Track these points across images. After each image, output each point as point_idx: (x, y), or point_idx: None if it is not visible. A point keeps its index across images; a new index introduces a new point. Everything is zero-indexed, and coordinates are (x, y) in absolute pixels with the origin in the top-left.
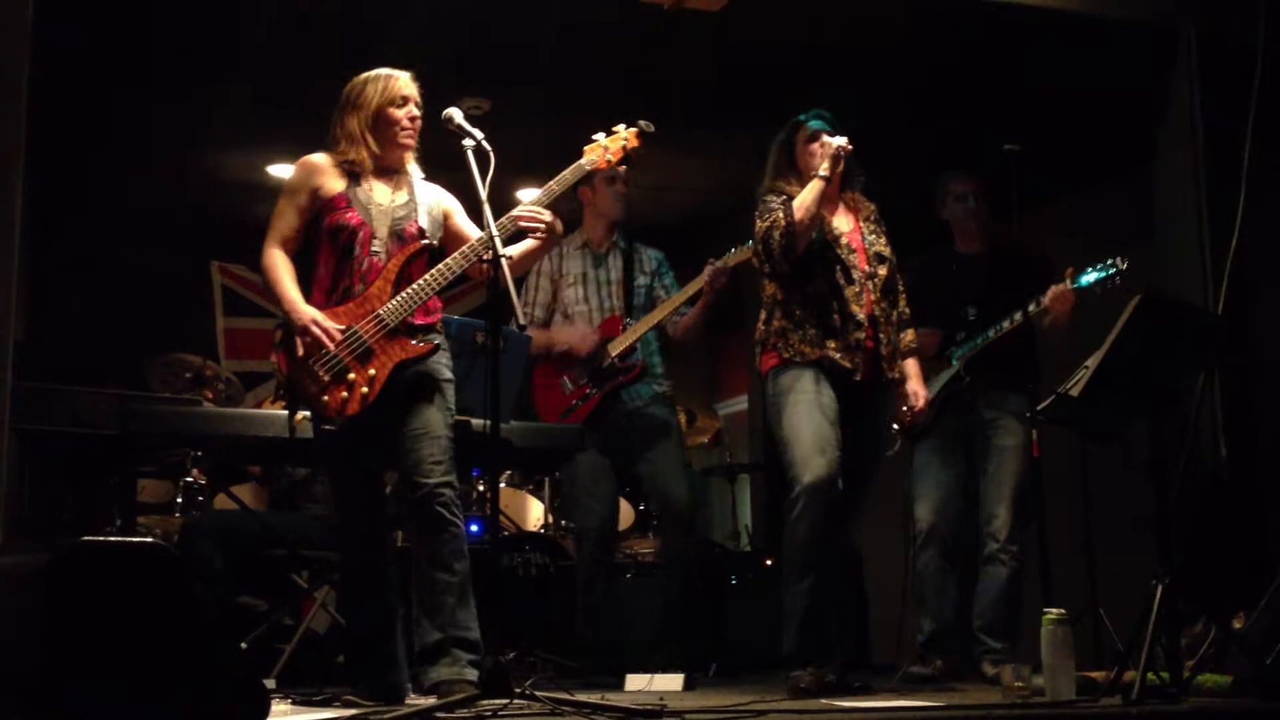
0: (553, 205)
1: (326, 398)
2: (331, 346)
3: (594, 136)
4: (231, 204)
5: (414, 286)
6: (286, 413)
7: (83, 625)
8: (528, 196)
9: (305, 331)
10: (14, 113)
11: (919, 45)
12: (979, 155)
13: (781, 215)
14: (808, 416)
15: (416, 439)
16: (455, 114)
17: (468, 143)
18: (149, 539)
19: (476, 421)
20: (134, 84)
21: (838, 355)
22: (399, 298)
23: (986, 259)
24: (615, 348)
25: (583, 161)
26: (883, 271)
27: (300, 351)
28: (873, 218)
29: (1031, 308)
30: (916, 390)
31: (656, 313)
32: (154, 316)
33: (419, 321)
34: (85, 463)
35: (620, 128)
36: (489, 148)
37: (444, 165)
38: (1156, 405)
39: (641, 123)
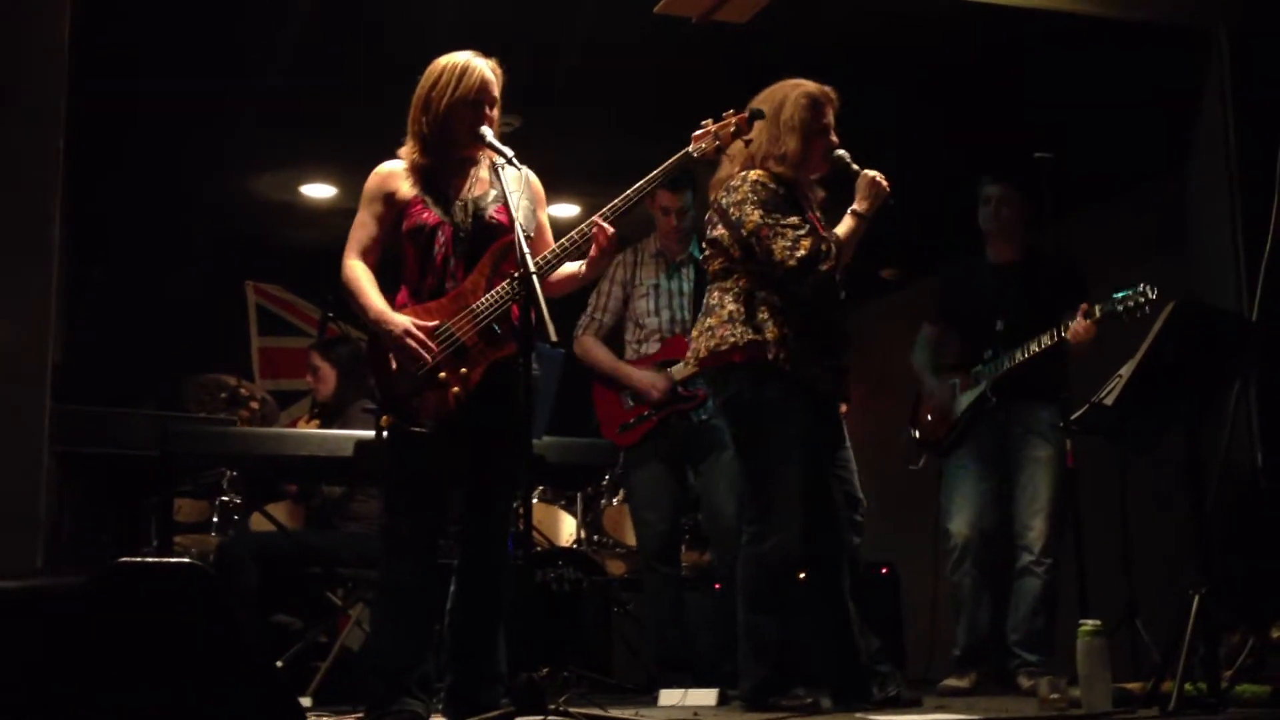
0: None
1: (417, 400)
2: (429, 359)
3: (702, 123)
4: (265, 224)
5: (507, 282)
6: (319, 430)
7: (121, 645)
8: (562, 211)
9: (400, 341)
10: (51, 140)
11: (949, 53)
12: (1010, 163)
13: (828, 249)
14: (796, 440)
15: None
16: (486, 132)
17: (499, 160)
18: (186, 559)
19: None
20: (167, 105)
21: (826, 375)
22: (492, 293)
23: (1019, 269)
24: (679, 373)
25: (690, 149)
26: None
27: (394, 365)
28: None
29: (1048, 340)
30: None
31: None
32: (189, 337)
33: (518, 320)
34: (123, 484)
35: (729, 114)
36: (520, 166)
37: None
38: (1192, 413)
39: (753, 107)
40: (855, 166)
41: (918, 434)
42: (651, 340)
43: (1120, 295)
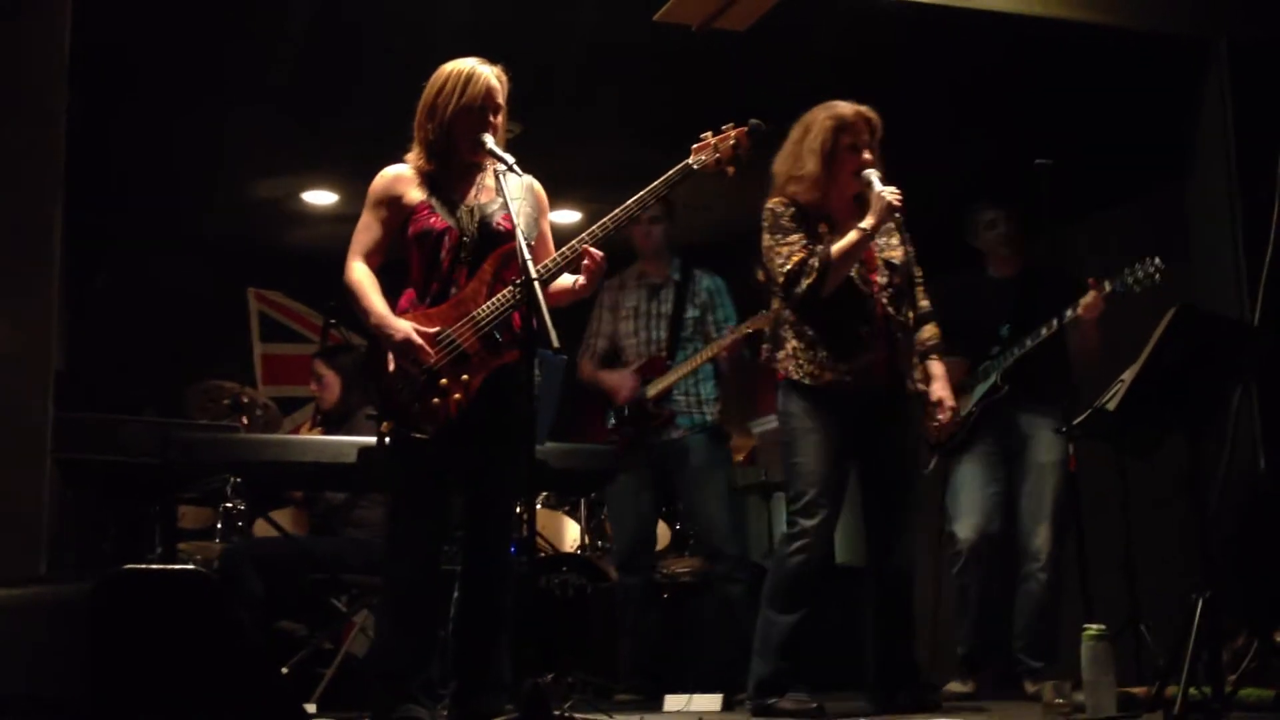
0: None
1: (419, 405)
2: (429, 363)
3: (702, 135)
4: (267, 230)
5: (508, 290)
6: (320, 436)
7: (126, 653)
8: (563, 218)
9: (400, 345)
10: (53, 145)
11: (949, 61)
12: (1010, 171)
13: (815, 264)
14: (816, 448)
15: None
16: (487, 139)
17: (500, 168)
18: (190, 566)
19: None
20: (168, 111)
21: (849, 378)
22: (494, 300)
23: (1019, 281)
24: (652, 389)
25: (690, 161)
26: (897, 279)
27: (391, 366)
28: None
29: (1057, 322)
30: (943, 398)
31: (690, 362)
32: (192, 344)
33: (519, 328)
34: (126, 491)
35: (729, 127)
36: (521, 173)
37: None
38: (1194, 418)
39: (753, 121)
40: (876, 187)
41: (927, 439)
42: (632, 361)
43: (1128, 270)
